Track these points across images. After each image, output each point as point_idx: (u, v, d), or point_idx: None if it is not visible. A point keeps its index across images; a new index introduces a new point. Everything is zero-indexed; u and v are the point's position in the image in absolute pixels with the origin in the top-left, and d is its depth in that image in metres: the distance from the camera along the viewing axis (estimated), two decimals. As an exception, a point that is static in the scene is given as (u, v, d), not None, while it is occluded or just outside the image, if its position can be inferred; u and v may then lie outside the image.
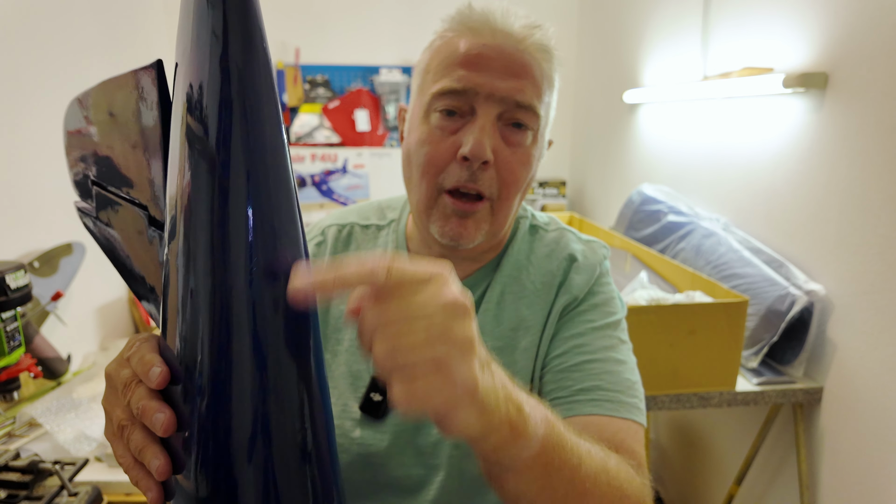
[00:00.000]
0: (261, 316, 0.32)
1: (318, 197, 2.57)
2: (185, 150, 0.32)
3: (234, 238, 0.31)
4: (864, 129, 1.11)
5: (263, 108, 0.31)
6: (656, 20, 1.95)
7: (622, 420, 0.57)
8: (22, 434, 1.19)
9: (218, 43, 0.30)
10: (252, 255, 0.31)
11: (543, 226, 0.72)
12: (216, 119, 0.30)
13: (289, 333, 0.33)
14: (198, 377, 0.32)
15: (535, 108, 0.60)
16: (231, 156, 0.30)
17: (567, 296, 0.65)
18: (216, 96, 0.30)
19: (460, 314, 0.33)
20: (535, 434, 0.38)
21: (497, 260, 0.69)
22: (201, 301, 0.32)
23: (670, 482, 1.92)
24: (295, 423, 0.34)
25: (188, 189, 0.31)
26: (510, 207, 0.62)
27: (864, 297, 1.12)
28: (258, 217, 0.31)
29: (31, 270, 1.45)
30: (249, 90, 0.30)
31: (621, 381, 0.60)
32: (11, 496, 0.87)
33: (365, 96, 2.59)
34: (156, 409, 0.33)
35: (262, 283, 0.32)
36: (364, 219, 0.76)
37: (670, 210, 1.69)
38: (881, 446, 1.09)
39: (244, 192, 0.31)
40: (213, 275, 0.31)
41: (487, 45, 0.58)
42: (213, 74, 0.30)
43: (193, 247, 0.32)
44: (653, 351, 1.18)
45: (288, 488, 0.34)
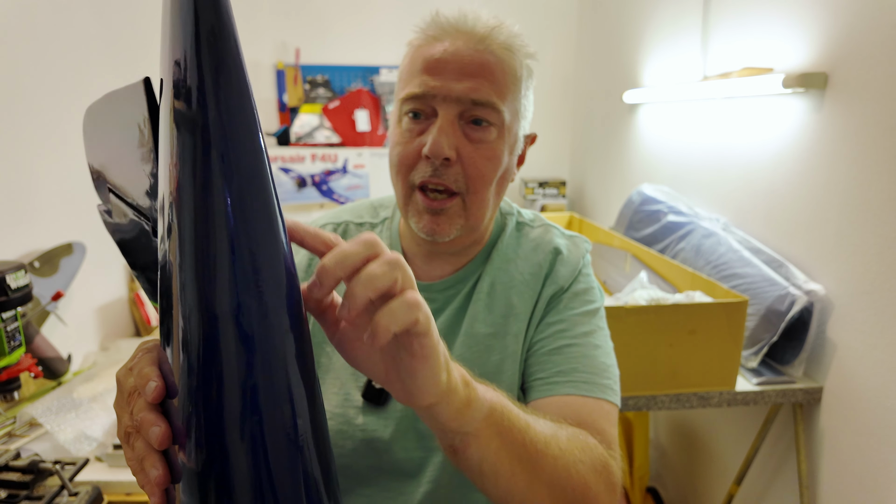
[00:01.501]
0: (248, 325, 0.32)
1: (318, 197, 2.57)
2: (175, 150, 0.32)
3: (218, 251, 0.31)
4: (863, 129, 1.11)
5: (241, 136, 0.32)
6: (656, 20, 1.95)
7: (595, 400, 0.63)
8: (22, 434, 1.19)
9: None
10: (235, 264, 0.32)
11: (529, 222, 0.77)
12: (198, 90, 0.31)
13: (279, 343, 0.33)
14: (191, 390, 0.33)
15: (494, 104, 0.63)
16: (212, 173, 0.31)
17: (553, 286, 0.70)
18: (196, 74, 0.31)
19: (418, 304, 0.37)
20: (483, 400, 0.44)
21: (485, 254, 0.74)
22: (190, 314, 0.32)
23: (670, 482, 1.92)
24: (289, 435, 0.34)
25: (175, 192, 0.32)
26: (483, 201, 0.66)
27: (863, 297, 1.12)
28: (240, 222, 0.32)
29: (32, 270, 1.45)
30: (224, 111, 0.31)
31: (597, 364, 0.65)
32: (12, 496, 0.88)
33: (365, 96, 2.60)
34: (152, 422, 0.34)
35: (248, 292, 0.32)
36: (358, 217, 0.80)
37: (670, 210, 1.69)
38: (881, 446, 1.09)
39: (224, 201, 0.31)
40: (199, 283, 0.32)
41: (447, 50, 0.63)
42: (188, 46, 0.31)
43: (180, 258, 0.32)
44: (653, 351, 1.18)
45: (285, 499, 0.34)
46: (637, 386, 1.21)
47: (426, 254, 0.73)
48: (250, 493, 0.33)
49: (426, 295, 0.72)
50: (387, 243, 0.76)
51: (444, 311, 0.72)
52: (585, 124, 2.63)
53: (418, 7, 2.56)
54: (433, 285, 0.72)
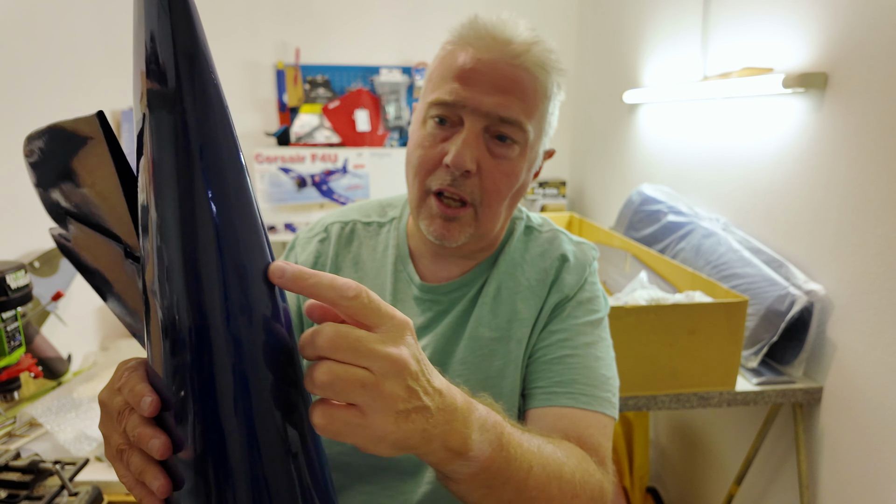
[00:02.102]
0: (238, 334, 0.33)
1: (318, 197, 2.57)
2: (150, 181, 0.33)
3: (205, 266, 0.32)
4: (863, 129, 1.11)
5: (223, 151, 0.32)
6: (656, 20, 1.95)
7: (594, 413, 0.64)
8: (22, 434, 1.19)
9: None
10: (224, 272, 0.32)
11: (538, 227, 0.77)
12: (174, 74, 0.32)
13: (268, 349, 0.34)
14: (185, 401, 0.34)
15: (521, 123, 0.63)
16: (194, 180, 0.32)
17: (559, 294, 0.70)
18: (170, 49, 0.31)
19: (399, 372, 0.35)
20: (478, 456, 0.42)
21: (493, 258, 0.73)
22: (181, 328, 0.33)
23: (670, 482, 1.92)
24: (282, 436, 0.35)
25: (158, 216, 0.33)
26: (495, 214, 0.67)
27: (863, 297, 1.12)
28: (227, 237, 0.33)
29: (32, 270, 1.45)
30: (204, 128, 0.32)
31: (597, 376, 0.66)
32: (12, 496, 0.88)
33: (365, 96, 2.59)
34: (151, 435, 0.35)
35: (237, 305, 0.33)
36: (366, 216, 0.79)
37: (670, 210, 1.69)
38: (881, 446, 1.09)
39: (209, 213, 0.32)
40: (189, 295, 0.32)
41: (482, 59, 0.62)
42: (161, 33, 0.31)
43: (167, 276, 0.33)
44: (652, 351, 1.18)
45: (280, 498, 0.35)
46: (637, 386, 1.21)
47: (433, 254, 0.73)
48: (249, 493, 0.34)
49: (431, 296, 0.72)
50: (394, 242, 0.76)
51: (449, 314, 0.72)
52: (585, 124, 2.63)
53: (418, 7, 2.56)
54: (439, 287, 0.72)
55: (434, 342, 0.70)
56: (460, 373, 0.69)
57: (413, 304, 0.73)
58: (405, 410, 0.36)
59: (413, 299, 0.73)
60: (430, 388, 0.38)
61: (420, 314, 0.72)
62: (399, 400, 0.35)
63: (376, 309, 0.36)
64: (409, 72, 2.60)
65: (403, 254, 0.75)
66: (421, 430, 0.37)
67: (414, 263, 0.74)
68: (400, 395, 0.35)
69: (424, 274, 0.74)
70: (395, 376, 0.35)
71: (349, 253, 0.77)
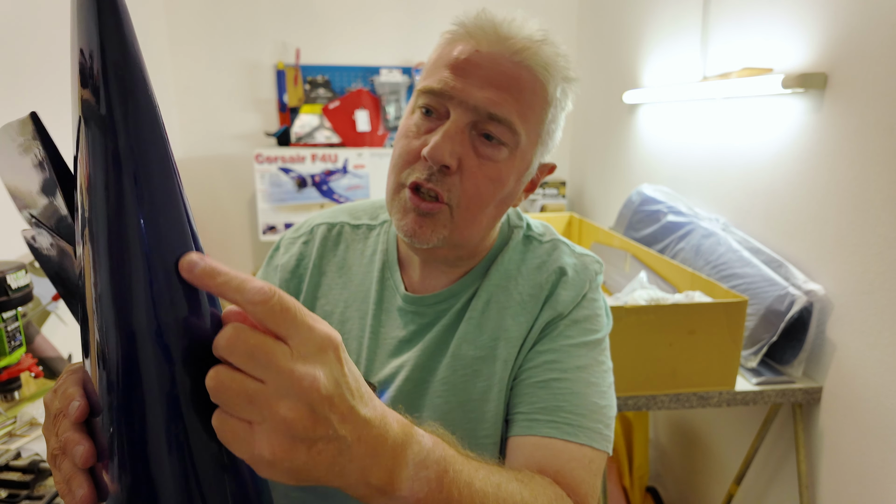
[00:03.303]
0: (167, 341, 0.32)
1: (318, 197, 2.57)
2: (86, 146, 0.33)
3: (133, 272, 0.32)
4: (863, 129, 1.11)
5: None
6: (656, 20, 1.95)
7: (578, 446, 0.56)
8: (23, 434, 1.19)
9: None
10: (152, 284, 0.32)
11: (538, 236, 0.70)
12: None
13: (189, 352, 0.33)
14: (112, 408, 0.33)
15: (512, 123, 0.58)
16: (125, 197, 0.32)
17: (551, 311, 0.63)
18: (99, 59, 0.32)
19: (300, 395, 0.30)
20: (408, 496, 0.37)
21: (484, 267, 0.67)
22: (108, 332, 0.32)
23: (670, 481, 1.92)
24: (205, 442, 0.33)
25: (89, 214, 0.32)
26: (473, 220, 0.60)
27: (863, 297, 1.12)
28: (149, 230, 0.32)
29: (32, 270, 1.45)
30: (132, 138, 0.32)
31: (587, 403, 0.59)
32: (12, 496, 0.88)
33: (365, 97, 2.60)
34: (76, 441, 0.33)
35: (165, 310, 0.32)
36: (355, 218, 0.75)
37: (670, 210, 1.69)
38: (880, 446, 1.09)
39: (134, 206, 0.32)
40: (116, 304, 0.32)
41: (480, 52, 0.57)
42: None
43: (87, 274, 0.32)
44: (652, 351, 1.18)
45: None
46: (637, 386, 1.21)
47: (422, 262, 0.67)
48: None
49: (415, 308, 0.67)
50: (382, 248, 0.71)
51: (433, 327, 0.66)
52: (585, 124, 2.63)
53: (418, 7, 2.57)
54: (424, 298, 0.66)
55: (416, 358, 0.64)
56: (440, 393, 0.63)
57: (397, 315, 0.67)
58: (307, 438, 0.31)
59: (397, 310, 0.67)
60: (349, 416, 0.33)
61: (403, 327, 0.67)
62: (297, 426, 0.30)
63: (291, 318, 0.31)
64: (410, 72, 2.60)
65: (391, 260, 0.70)
66: (328, 464, 0.32)
67: (402, 271, 0.69)
68: (298, 421, 0.30)
69: (411, 283, 0.69)
70: (294, 398, 0.30)
71: (335, 257, 0.72)
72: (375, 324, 0.68)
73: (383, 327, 0.68)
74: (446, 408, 0.63)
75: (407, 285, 0.69)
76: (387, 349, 0.67)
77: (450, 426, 0.59)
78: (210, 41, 2.51)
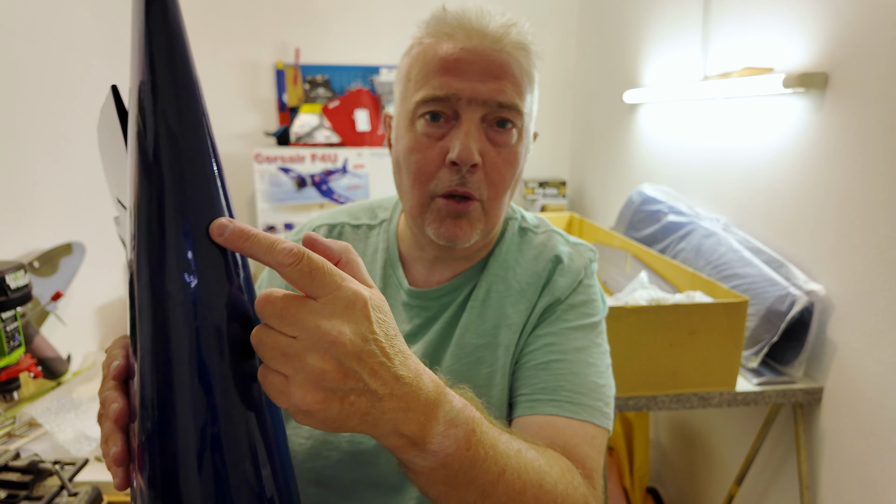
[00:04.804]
0: (203, 335, 0.33)
1: (318, 197, 2.56)
2: (134, 165, 0.34)
3: (171, 253, 0.33)
4: (864, 129, 1.11)
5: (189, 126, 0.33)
6: (656, 20, 1.95)
7: (580, 423, 0.59)
8: (22, 434, 1.19)
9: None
10: (191, 265, 0.33)
11: (533, 228, 0.73)
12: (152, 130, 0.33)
13: (232, 349, 0.34)
14: (142, 370, 0.34)
15: (518, 106, 0.61)
16: (163, 170, 0.33)
17: (549, 297, 0.66)
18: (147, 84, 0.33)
19: (328, 348, 0.33)
20: (437, 451, 0.39)
21: (486, 259, 0.70)
22: (145, 322, 0.33)
23: (670, 482, 1.92)
24: (236, 403, 0.35)
25: (134, 200, 0.34)
26: (501, 206, 0.64)
27: (864, 298, 1.12)
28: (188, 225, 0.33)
29: (31, 270, 1.45)
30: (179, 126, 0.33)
31: (587, 383, 0.61)
32: (11, 496, 0.87)
33: (365, 96, 2.59)
34: (112, 399, 0.36)
35: (188, 263, 0.33)
36: (355, 219, 0.77)
37: (670, 210, 1.69)
38: (881, 446, 1.09)
39: (175, 201, 0.33)
40: (152, 288, 0.33)
41: (465, 48, 0.60)
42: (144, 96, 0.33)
43: (138, 264, 0.34)
44: (653, 351, 1.18)
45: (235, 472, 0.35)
46: (637, 386, 1.21)
47: (430, 259, 0.69)
48: (197, 467, 0.34)
49: (420, 302, 0.69)
50: (384, 246, 0.73)
51: (438, 320, 0.68)
52: (585, 124, 2.63)
53: (418, 7, 2.56)
54: (428, 292, 0.69)
55: (423, 350, 0.67)
56: (447, 382, 0.67)
57: (402, 310, 0.70)
58: (339, 390, 0.33)
59: (402, 305, 0.70)
60: (380, 372, 0.35)
61: (408, 321, 0.69)
62: (327, 377, 0.33)
63: (319, 277, 0.33)
64: (409, 72, 2.60)
65: (393, 258, 0.72)
66: (362, 414, 0.35)
67: (404, 268, 0.72)
68: (328, 373, 0.33)
69: (414, 278, 0.71)
70: (321, 351, 0.33)
71: None
72: None
73: None
74: None
75: (410, 281, 0.71)
76: None
77: None
78: (210, 41, 2.50)
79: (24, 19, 1.48)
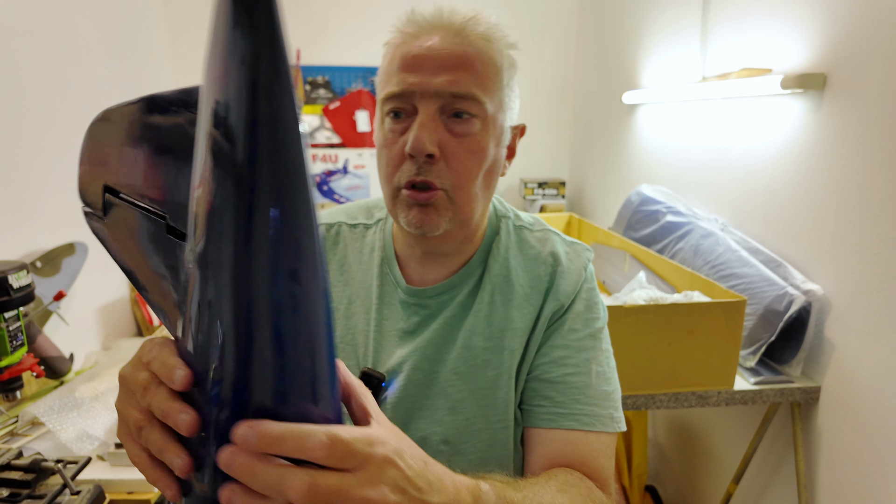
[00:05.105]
0: (281, 322, 0.33)
1: (318, 197, 2.57)
2: (210, 166, 0.33)
3: (258, 247, 0.32)
4: (862, 129, 1.11)
5: (288, 128, 0.32)
6: (656, 21, 1.96)
7: (596, 435, 0.64)
8: (24, 433, 1.19)
9: (247, 69, 0.31)
10: (274, 263, 0.33)
11: (528, 226, 0.74)
12: (244, 139, 0.32)
13: (308, 335, 0.34)
14: (216, 380, 0.34)
15: (475, 95, 0.61)
16: (256, 172, 0.32)
17: (555, 302, 0.68)
18: (243, 117, 0.31)
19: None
20: None
21: (482, 257, 0.71)
22: (223, 308, 0.33)
23: (668, 481, 1.93)
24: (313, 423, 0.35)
25: (212, 201, 0.33)
26: (470, 196, 0.64)
27: (861, 297, 1.12)
28: (281, 229, 0.33)
29: (34, 270, 1.46)
30: (276, 112, 0.32)
31: (599, 393, 0.65)
32: (14, 495, 0.88)
33: (365, 97, 2.60)
34: (179, 409, 0.34)
35: (282, 292, 0.33)
36: (352, 218, 0.78)
37: (669, 210, 1.69)
38: (879, 445, 1.10)
39: (268, 206, 0.32)
40: (236, 283, 0.33)
41: (423, 45, 0.61)
42: (241, 96, 0.31)
43: (217, 256, 0.33)
44: (651, 350, 1.19)
45: None
46: (636, 385, 1.21)
47: (420, 256, 0.70)
48: None
49: (418, 300, 0.70)
50: (380, 244, 0.74)
51: (436, 318, 0.69)
52: (585, 124, 2.63)
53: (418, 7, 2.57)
54: (426, 290, 0.70)
55: (423, 348, 0.68)
56: (452, 382, 0.67)
57: (399, 307, 0.71)
58: None
59: (399, 303, 0.71)
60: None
61: (406, 319, 0.70)
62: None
63: (352, 455, 0.35)
64: (410, 72, 2.61)
65: (389, 256, 0.73)
66: None
67: (400, 266, 0.73)
68: None
69: (411, 277, 0.72)
70: None
71: (335, 256, 0.75)
72: (379, 317, 0.71)
73: (386, 320, 0.71)
74: (458, 396, 0.67)
75: (406, 279, 0.72)
76: (392, 340, 0.70)
77: (463, 412, 0.65)
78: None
79: (25, 20, 1.48)
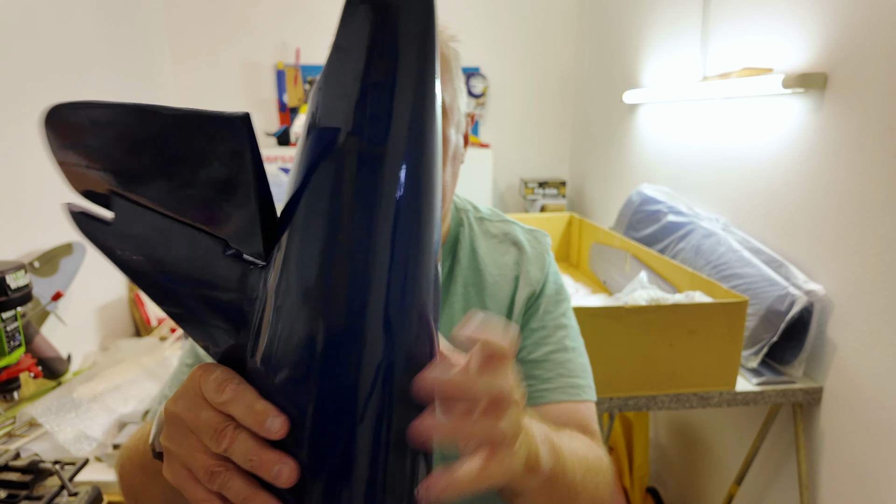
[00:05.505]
0: (385, 367, 0.31)
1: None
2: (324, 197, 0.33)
3: (371, 278, 0.31)
4: (863, 129, 1.11)
5: (431, 160, 0.32)
6: (656, 20, 1.95)
7: (583, 403, 0.69)
8: (22, 434, 1.19)
9: (388, 96, 0.31)
10: (388, 301, 0.31)
11: (488, 217, 0.77)
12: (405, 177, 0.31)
13: (408, 383, 0.32)
14: (314, 421, 0.31)
15: None
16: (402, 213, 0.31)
17: (527, 288, 0.72)
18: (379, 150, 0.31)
19: (514, 406, 0.37)
20: (545, 468, 0.44)
21: (449, 250, 0.73)
22: (319, 342, 0.31)
23: (670, 482, 1.92)
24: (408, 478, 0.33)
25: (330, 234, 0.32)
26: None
27: (863, 298, 1.12)
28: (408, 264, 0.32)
29: (32, 270, 1.45)
30: (417, 148, 0.31)
31: (577, 366, 0.70)
32: (11, 496, 0.88)
33: (365, 96, 2.60)
34: (276, 460, 0.31)
35: (396, 329, 0.31)
36: None
37: (670, 210, 1.69)
38: (881, 446, 1.09)
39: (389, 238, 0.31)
40: (335, 317, 0.31)
41: None
42: (379, 129, 0.31)
43: (316, 287, 0.31)
44: (653, 351, 1.18)
45: None
46: (637, 386, 1.21)
47: None
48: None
49: None
50: None
51: None
52: (585, 124, 2.63)
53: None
54: None
55: None
56: None
57: None
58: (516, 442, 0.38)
59: None
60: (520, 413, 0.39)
61: None
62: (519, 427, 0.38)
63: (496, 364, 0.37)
64: (409, 72, 2.60)
65: None
66: (519, 455, 0.39)
67: None
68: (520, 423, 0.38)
69: None
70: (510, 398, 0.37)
71: None
72: None
73: None
74: None
75: None
76: None
77: None
78: (210, 41, 2.51)
79: (26, 20, 1.48)
